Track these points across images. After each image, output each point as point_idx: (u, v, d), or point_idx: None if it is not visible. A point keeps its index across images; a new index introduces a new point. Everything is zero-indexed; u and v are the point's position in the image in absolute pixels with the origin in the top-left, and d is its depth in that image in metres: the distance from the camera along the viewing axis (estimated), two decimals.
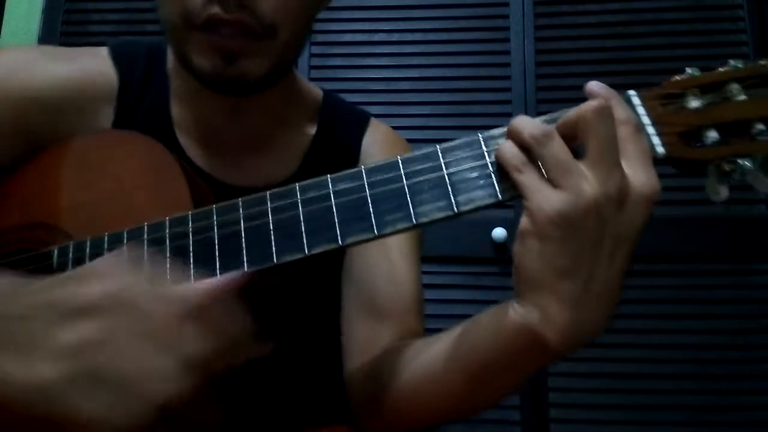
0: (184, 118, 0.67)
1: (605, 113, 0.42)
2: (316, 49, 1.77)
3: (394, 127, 0.77)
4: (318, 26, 1.76)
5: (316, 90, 0.75)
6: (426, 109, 1.72)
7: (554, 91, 1.69)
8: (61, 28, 1.87)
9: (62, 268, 0.53)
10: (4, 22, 1.88)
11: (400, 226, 0.46)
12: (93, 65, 0.66)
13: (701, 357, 1.52)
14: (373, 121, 0.75)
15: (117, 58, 0.67)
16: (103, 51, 0.68)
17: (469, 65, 1.74)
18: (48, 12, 1.88)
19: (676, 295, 1.57)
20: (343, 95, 0.78)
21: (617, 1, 1.73)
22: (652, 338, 1.54)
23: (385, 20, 1.79)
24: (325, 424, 0.59)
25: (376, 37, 1.78)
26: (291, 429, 0.60)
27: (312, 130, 0.71)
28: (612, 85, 0.46)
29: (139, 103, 0.66)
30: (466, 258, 1.62)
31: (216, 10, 0.55)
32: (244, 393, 0.60)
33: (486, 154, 0.46)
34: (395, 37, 1.78)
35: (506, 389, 0.50)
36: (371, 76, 1.75)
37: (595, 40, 1.72)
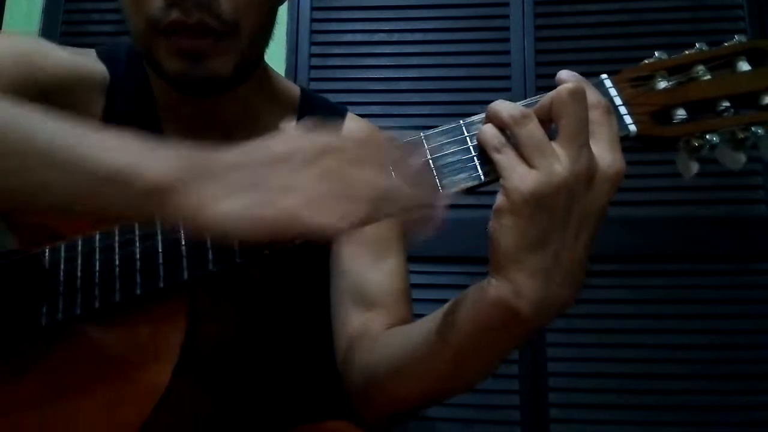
0: (165, 117, 0.69)
1: (578, 95, 0.44)
2: (316, 49, 1.77)
3: (394, 127, 0.78)
4: (318, 26, 1.77)
5: (293, 87, 0.77)
6: (426, 109, 1.71)
7: None
8: (61, 28, 1.87)
9: (55, 267, 0.54)
10: (4, 22, 1.88)
11: None
12: (85, 60, 0.69)
13: (701, 357, 1.52)
14: (350, 115, 0.78)
15: (103, 57, 0.70)
16: (91, 51, 0.71)
17: (469, 65, 1.74)
18: (48, 12, 1.88)
19: (675, 295, 1.56)
20: (343, 95, 0.79)
21: (617, 1, 1.73)
22: (652, 338, 1.54)
23: (385, 20, 1.79)
24: (326, 418, 0.60)
25: (376, 37, 1.78)
26: (292, 423, 0.60)
27: (292, 124, 0.72)
28: None
29: (124, 96, 0.68)
30: (466, 258, 1.61)
31: (176, 15, 0.56)
32: (245, 388, 0.60)
33: (468, 138, 0.49)
34: (395, 37, 1.78)
35: (489, 365, 0.52)
36: (371, 76, 1.75)
37: (595, 40, 1.72)
